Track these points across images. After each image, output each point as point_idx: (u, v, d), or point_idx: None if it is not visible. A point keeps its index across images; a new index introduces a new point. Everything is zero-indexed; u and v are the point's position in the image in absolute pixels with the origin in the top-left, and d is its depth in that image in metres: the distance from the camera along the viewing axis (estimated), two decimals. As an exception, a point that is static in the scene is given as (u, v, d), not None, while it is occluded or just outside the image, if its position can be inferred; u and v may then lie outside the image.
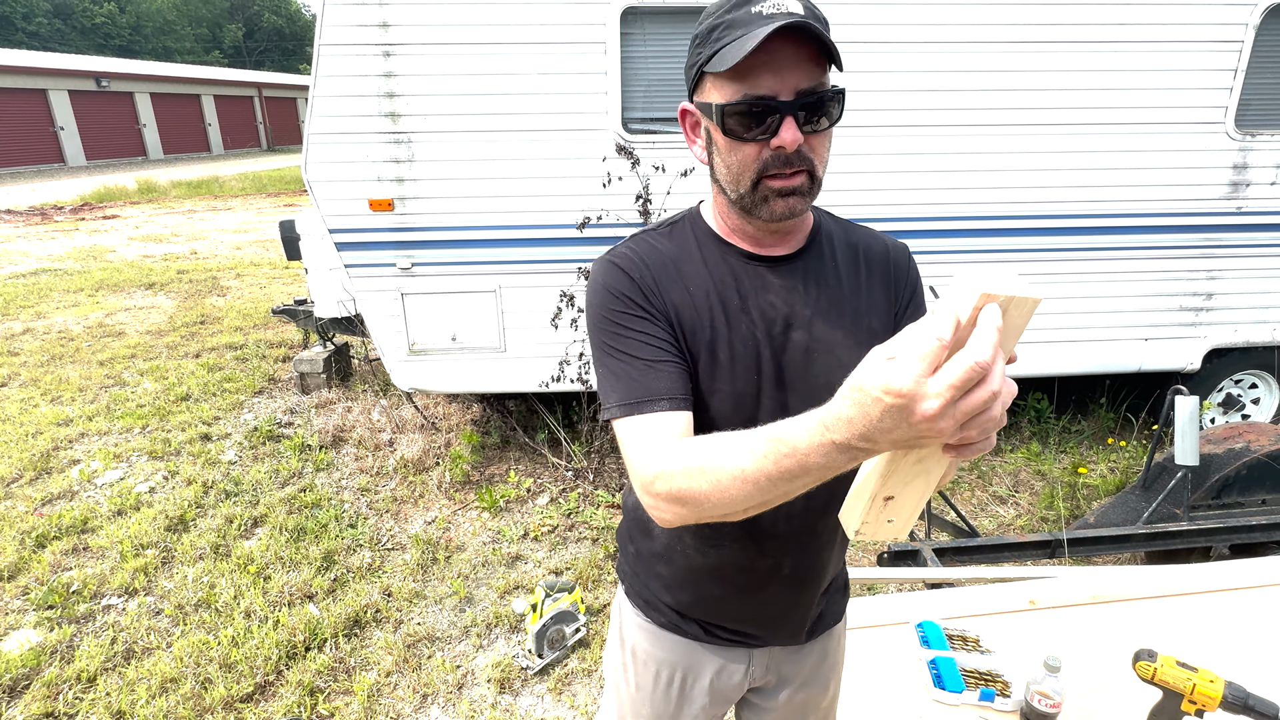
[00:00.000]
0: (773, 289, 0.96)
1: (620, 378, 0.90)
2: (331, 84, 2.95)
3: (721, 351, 0.93)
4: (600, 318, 0.94)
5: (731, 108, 0.83)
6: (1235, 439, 2.69)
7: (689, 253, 0.97)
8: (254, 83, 32.41)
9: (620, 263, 0.95)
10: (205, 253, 9.54)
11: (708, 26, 0.85)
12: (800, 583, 1.07)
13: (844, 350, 0.96)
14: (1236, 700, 1.20)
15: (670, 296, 0.94)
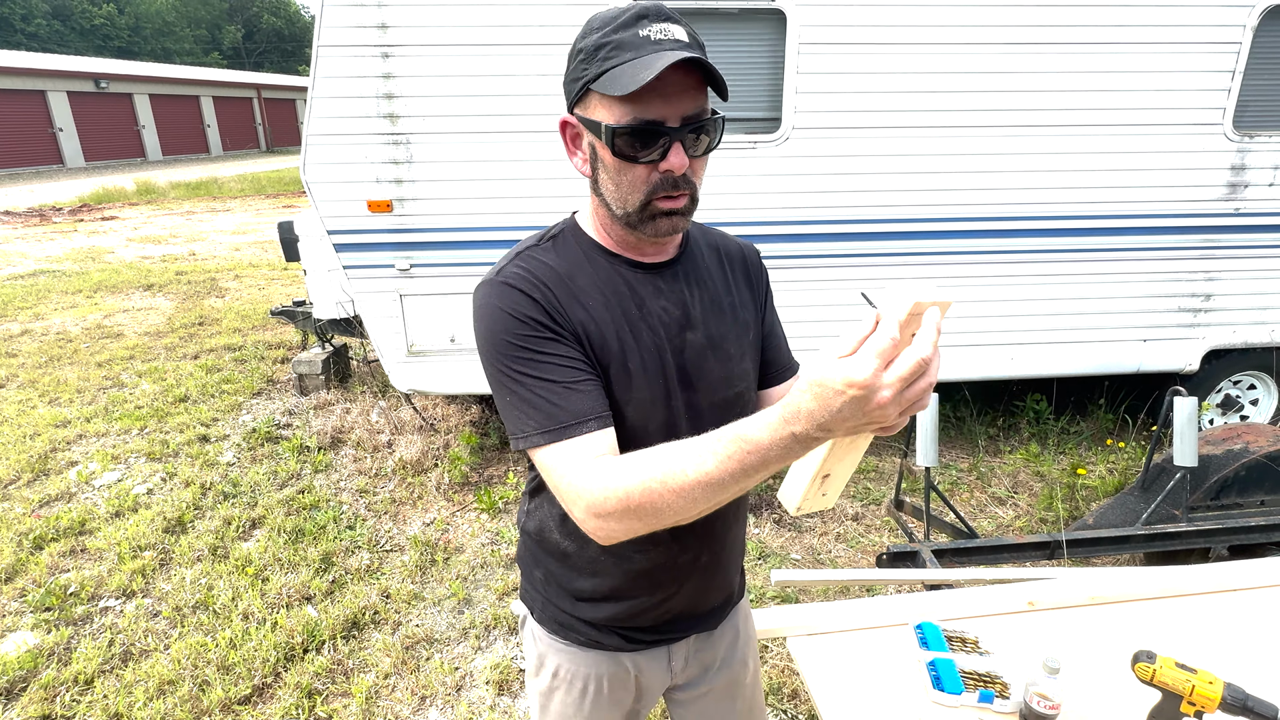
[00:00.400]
0: (663, 294, 1.00)
1: (537, 405, 0.88)
2: (330, 85, 2.95)
3: (632, 361, 0.96)
4: (503, 344, 0.90)
5: (622, 130, 0.84)
6: (1234, 440, 2.69)
7: (579, 266, 0.97)
8: (253, 84, 32.43)
9: (516, 283, 0.92)
10: (204, 254, 9.54)
11: (594, 43, 0.85)
12: (716, 569, 1.14)
13: (731, 344, 1.04)
14: (1235, 702, 1.20)
15: (574, 313, 0.94)
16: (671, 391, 0.99)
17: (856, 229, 3.31)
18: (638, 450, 0.83)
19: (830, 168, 3.20)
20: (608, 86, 0.82)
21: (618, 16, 0.85)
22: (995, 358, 3.58)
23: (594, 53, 0.84)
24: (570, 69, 0.89)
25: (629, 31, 0.83)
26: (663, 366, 0.98)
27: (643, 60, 0.81)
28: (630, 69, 0.81)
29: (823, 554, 3.11)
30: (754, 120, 3.18)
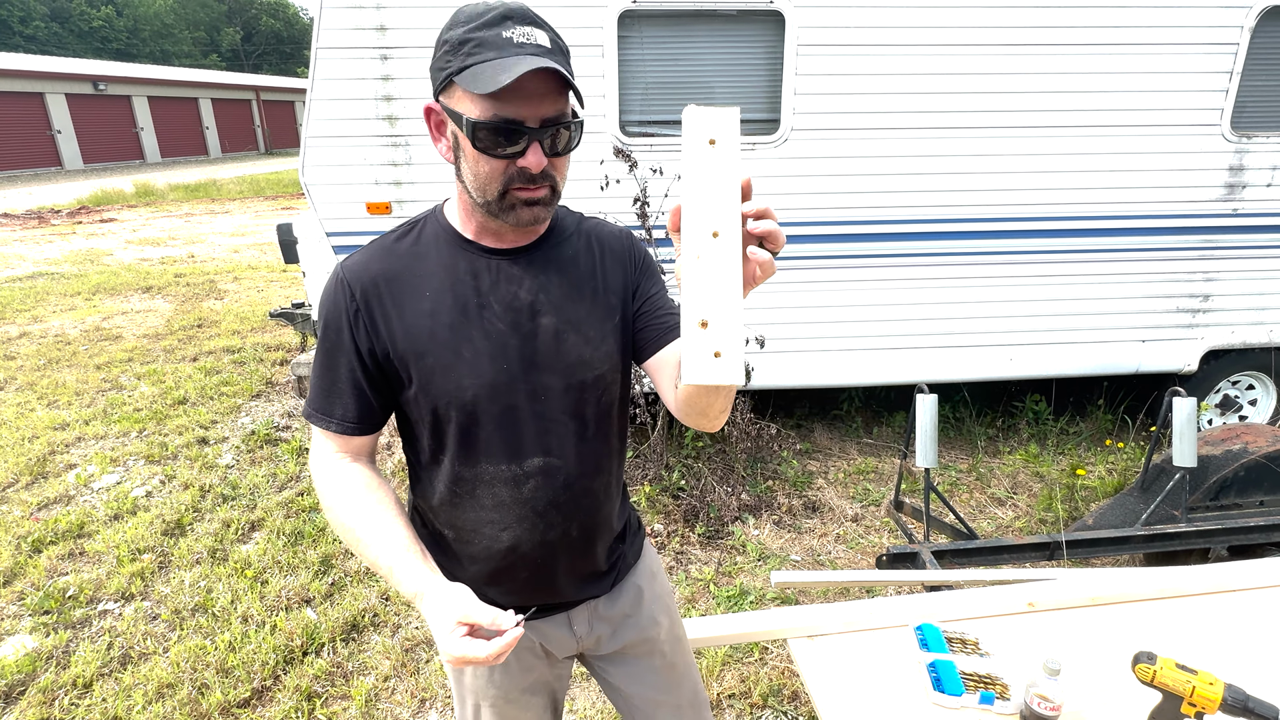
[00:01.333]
0: (515, 280, 1.03)
1: (313, 385, 1.05)
2: (329, 87, 2.95)
3: (466, 349, 1.00)
4: (320, 330, 1.05)
5: (482, 125, 0.88)
6: (1233, 440, 2.69)
7: (425, 255, 1.02)
8: (252, 86, 32.45)
9: (347, 279, 1.01)
10: (202, 256, 9.53)
11: (459, 37, 0.88)
12: (591, 540, 1.17)
13: (593, 327, 1.07)
14: (1236, 703, 1.20)
15: (387, 322, 1.00)
16: (515, 376, 1.02)
17: (855, 230, 3.31)
18: (362, 486, 1.02)
19: (829, 169, 3.21)
20: (469, 83, 0.86)
21: (484, 14, 0.88)
22: (994, 358, 3.58)
23: (458, 46, 0.88)
24: (436, 58, 0.92)
25: (493, 31, 0.86)
26: (505, 351, 1.02)
27: (503, 62, 0.85)
28: (491, 69, 0.85)
29: (822, 555, 3.11)
30: (753, 121, 3.18)
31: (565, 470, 1.08)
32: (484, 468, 1.06)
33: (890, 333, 3.50)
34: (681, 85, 3.15)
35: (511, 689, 1.21)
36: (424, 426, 1.06)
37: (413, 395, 1.03)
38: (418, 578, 0.94)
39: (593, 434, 1.11)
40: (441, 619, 0.89)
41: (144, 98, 25.46)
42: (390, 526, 0.99)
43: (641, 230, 3.20)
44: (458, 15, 0.90)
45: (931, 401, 2.42)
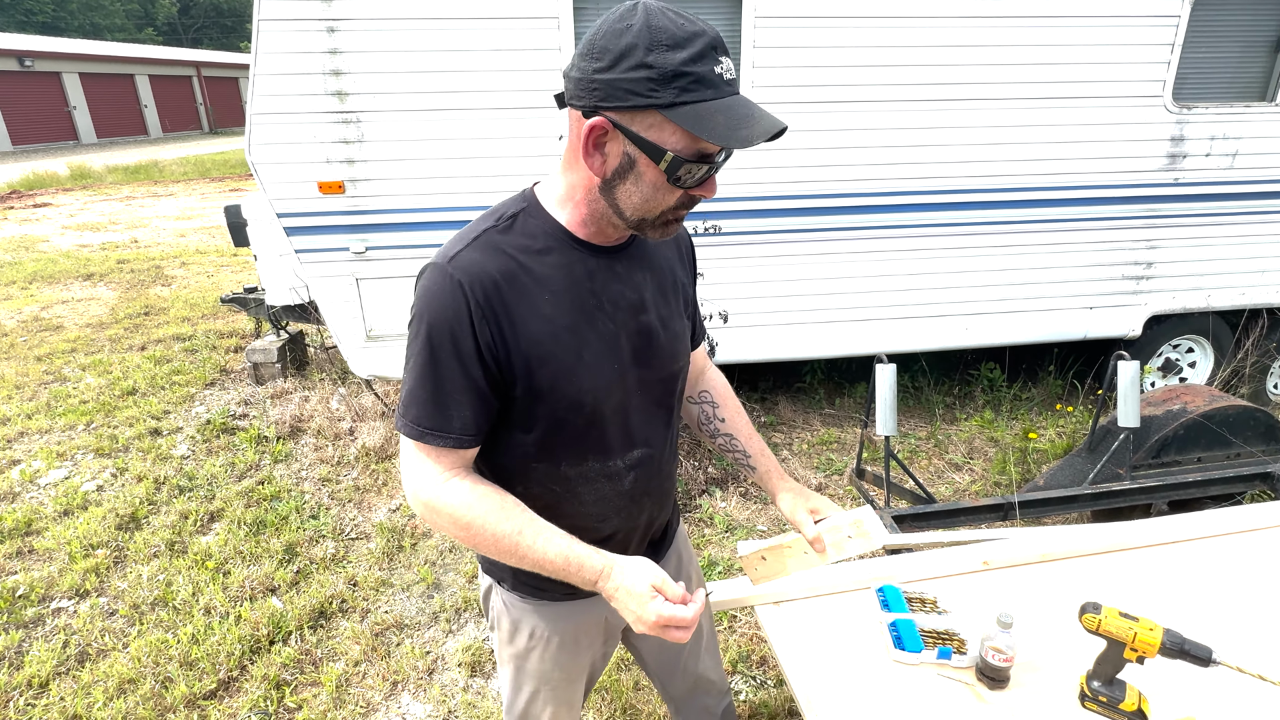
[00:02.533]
0: (619, 278, 1.03)
1: (419, 400, 0.96)
2: (273, 61, 2.84)
3: (587, 352, 0.99)
4: (425, 334, 0.94)
5: (687, 161, 0.85)
6: (1173, 401, 2.82)
7: (539, 254, 0.97)
8: (192, 61, 31.00)
9: (462, 280, 0.92)
10: (147, 241, 9.16)
11: (672, 68, 0.80)
12: (660, 516, 1.25)
13: (676, 321, 1.11)
14: (1174, 646, 1.27)
15: (515, 320, 0.94)
16: (625, 372, 1.04)
17: (814, 204, 3.34)
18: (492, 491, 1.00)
19: (786, 143, 3.21)
20: (693, 124, 0.81)
21: (689, 41, 0.81)
22: (950, 328, 3.67)
23: (670, 78, 0.80)
24: (619, 74, 0.82)
25: (705, 66, 0.81)
26: (618, 351, 1.02)
27: (726, 106, 0.82)
28: (725, 117, 0.81)
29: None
30: (712, 95, 3.16)
31: (656, 457, 1.14)
32: (589, 465, 1.07)
33: (850, 305, 3.56)
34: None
35: (574, 669, 1.26)
36: (534, 430, 1.02)
37: (520, 397, 0.99)
38: (597, 556, 0.98)
39: (673, 420, 1.18)
40: (639, 586, 0.95)
41: (75, 74, 24.12)
42: (542, 523, 0.99)
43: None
44: (656, 34, 0.80)
45: (890, 371, 2.48)
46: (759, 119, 0.82)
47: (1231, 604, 1.65)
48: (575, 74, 0.86)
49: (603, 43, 0.83)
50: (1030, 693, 1.42)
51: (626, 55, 0.81)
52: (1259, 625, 1.58)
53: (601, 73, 0.83)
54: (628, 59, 0.81)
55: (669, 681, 1.45)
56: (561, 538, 0.98)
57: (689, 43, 0.80)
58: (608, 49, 0.82)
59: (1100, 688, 1.36)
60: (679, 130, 0.83)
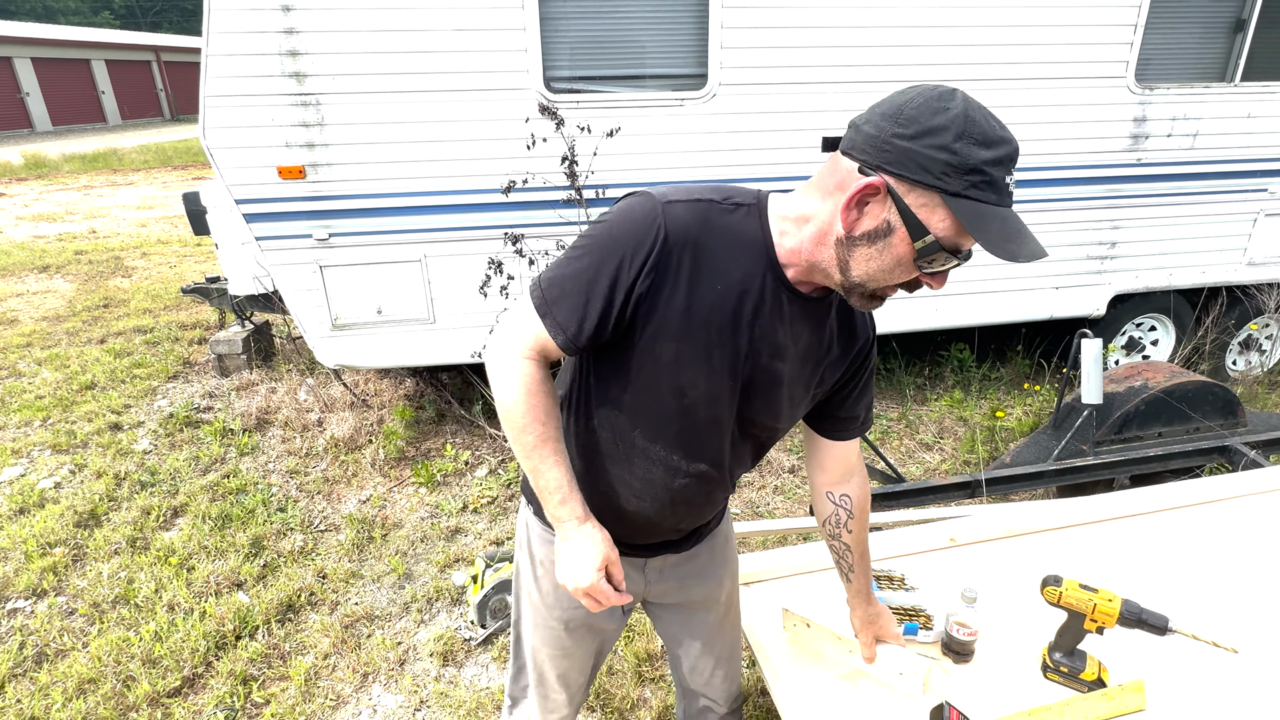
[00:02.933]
0: (781, 316, 1.00)
1: (564, 285, 0.96)
2: (226, 42, 2.74)
3: (716, 355, 0.99)
4: (602, 236, 0.95)
5: (945, 251, 0.85)
6: (1135, 377, 2.87)
7: (737, 250, 0.97)
8: (151, 46, 30.01)
9: (664, 224, 0.93)
10: (106, 231, 8.88)
11: (973, 162, 0.80)
12: (691, 523, 1.24)
13: (800, 391, 1.10)
14: (1131, 615, 1.29)
15: (679, 287, 0.95)
16: (734, 398, 1.04)
17: (785, 186, 3.32)
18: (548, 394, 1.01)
19: (757, 124, 3.20)
20: (973, 223, 0.82)
21: (997, 144, 0.81)
22: (921, 310, 3.70)
23: (966, 170, 0.81)
24: (918, 147, 0.82)
25: (1000, 172, 0.82)
26: (737, 372, 1.01)
27: (1007, 221, 0.82)
28: (1000, 225, 0.82)
29: (760, 506, 3.19)
30: (680, 77, 3.13)
31: (715, 481, 1.14)
32: (658, 448, 1.07)
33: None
34: (608, 39, 3.06)
35: (570, 615, 1.28)
36: (631, 386, 1.03)
37: (640, 355, 1.00)
38: (581, 507, 1.03)
39: (751, 462, 1.19)
40: (593, 551, 1.02)
41: (27, 59, 23.22)
42: (564, 448, 1.03)
43: (571, 190, 3.14)
44: (970, 126, 0.81)
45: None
46: (1028, 240, 0.82)
47: (1189, 574, 1.69)
48: (870, 129, 0.85)
49: (914, 113, 0.82)
50: (994, 665, 1.44)
51: (934, 133, 0.81)
52: (1214, 594, 1.62)
53: (902, 139, 0.82)
54: (933, 137, 0.81)
55: (679, 668, 1.46)
56: (568, 470, 1.03)
57: (996, 145, 0.81)
58: (917, 120, 0.82)
59: (1061, 658, 1.38)
60: (950, 220, 0.83)
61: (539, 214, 3.19)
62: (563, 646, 1.30)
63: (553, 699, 1.36)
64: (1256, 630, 1.48)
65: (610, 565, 1.04)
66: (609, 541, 1.05)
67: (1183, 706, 1.30)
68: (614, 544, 1.10)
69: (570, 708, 1.38)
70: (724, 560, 1.37)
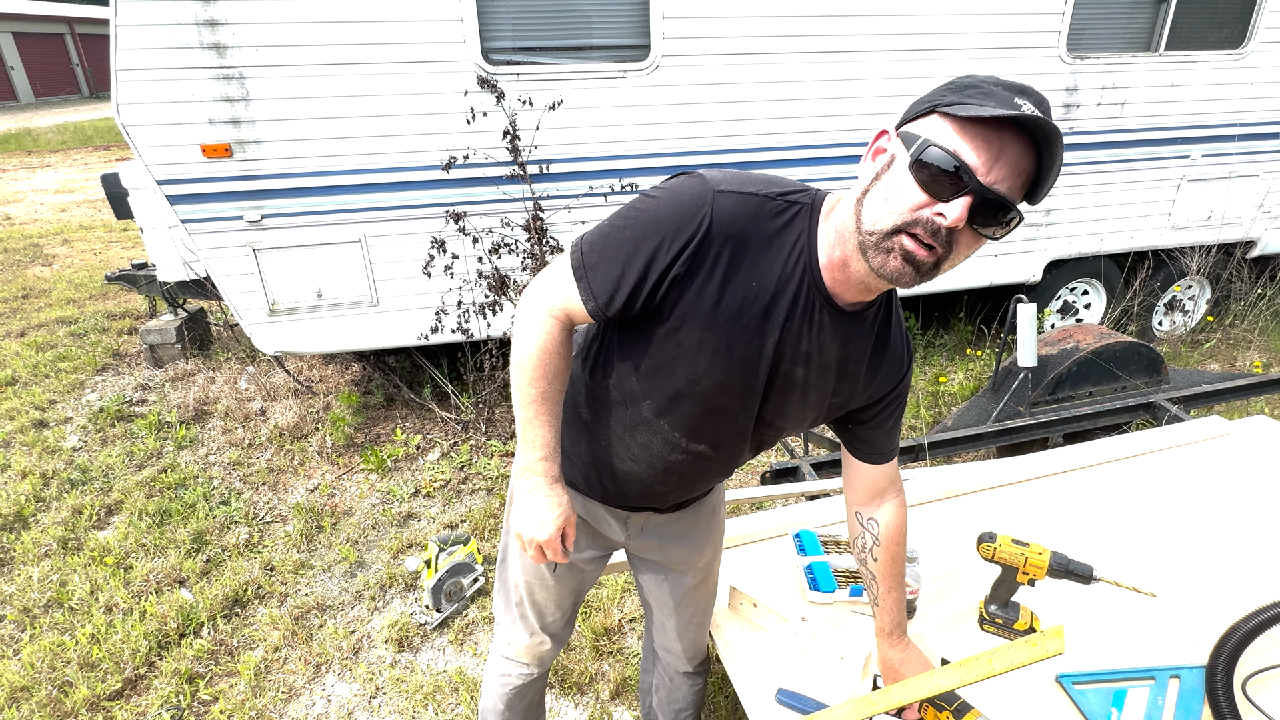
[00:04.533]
0: (811, 324, 0.99)
1: (606, 250, 0.96)
2: (136, 10, 2.57)
3: (739, 349, 0.98)
4: (650, 210, 0.94)
5: (937, 149, 0.80)
6: (1067, 340, 2.98)
7: (779, 249, 0.95)
8: (63, 17, 28.07)
9: (711, 211, 0.91)
10: (22, 217, 8.35)
11: (970, 82, 0.83)
12: (673, 496, 1.25)
13: (816, 400, 1.08)
14: (1060, 567, 1.35)
15: (714, 277, 0.94)
16: (746, 392, 1.03)
17: (731, 159, 3.32)
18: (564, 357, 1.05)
19: (702, 96, 3.17)
20: (956, 108, 0.80)
21: (1005, 84, 0.82)
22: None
23: (964, 88, 0.83)
24: (929, 93, 0.86)
25: (1008, 94, 0.80)
26: (758, 369, 1.01)
27: (1001, 103, 0.79)
28: (984, 103, 0.79)
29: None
30: (623, 48, 3.08)
31: (711, 463, 1.15)
32: (662, 424, 1.09)
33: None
34: (548, 9, 2.98)
35: None
36: (648, 360, 1.04)
37: (664, 335, 1.00)
38: (555, 468, 1.09)
39: (751, 454, 1.20)
40: (556, 511, 1.09)
41: (-77, 32, 21.51)
42: (559, 412, 1.08)
43: (514, 166, 3.07)
44: (974, 76, 0.84)
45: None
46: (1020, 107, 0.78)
47: (1115, 525, 1.77)
48: None
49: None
50: (935, 620, 1.49)
51: (946, 85, 0.85)
52: (1137, 543, 1.71)
53: (918, 102, 0.87)
54: (944, 86, 0.85)
55: (649, 618, 1.55)
56: (556, 432, 1.08)
57: (1003, 83, 0.82)
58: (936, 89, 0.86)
59: (997, 610, 1.44)
60: (944, 118, 0.82)
61: (482, 190, 3.12)
62: (542, 577, 1.34)
63: (533, 622, 1.41)
64: (1174, 575, 1.57)
65: (567, 527, 1.11)
66: (571, 506, 1.12)
67: (1107, 648, 1.37)
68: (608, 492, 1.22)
69: (547, 634, 1.42)
70: (707, 530, 1.39)
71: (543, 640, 1.42)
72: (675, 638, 1.49)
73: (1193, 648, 1.37)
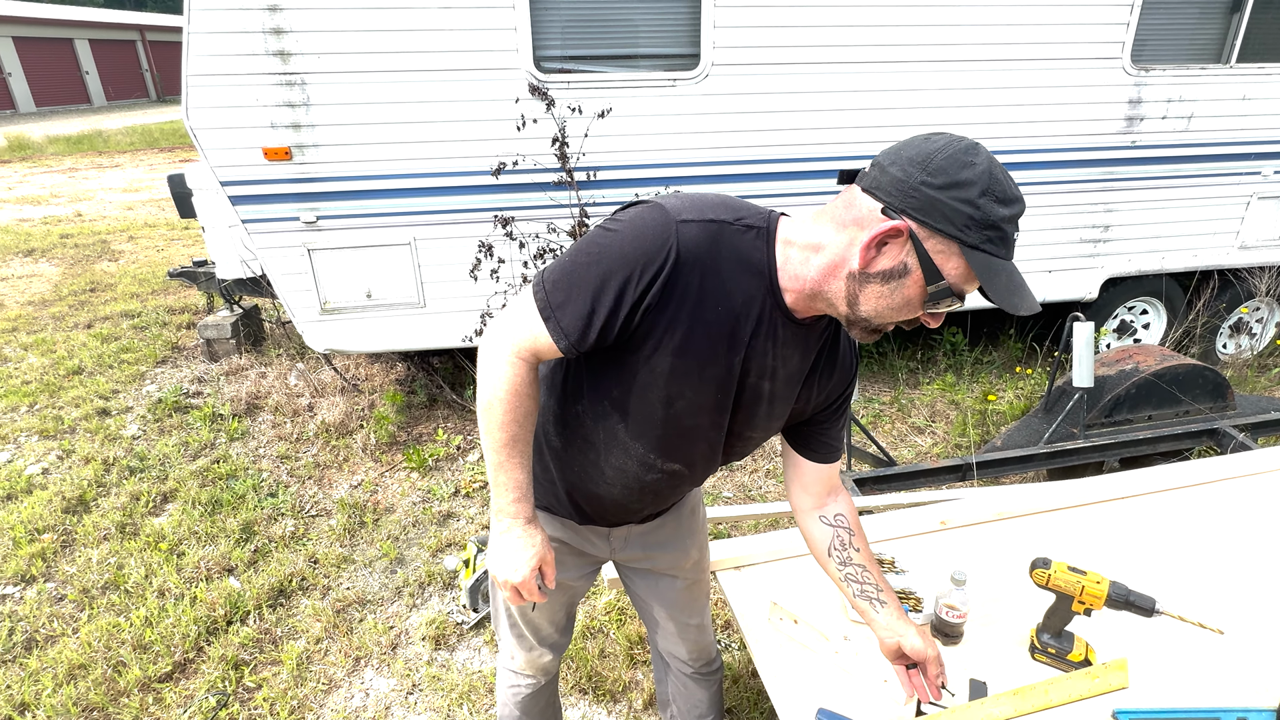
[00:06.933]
0: (773, 339, 1.03)
1: (572, 289, 0.96)
2: (208, 19, 2.68)
3: (709, 370, 1.01)
4: (614, 245, 0.94)
5: (955, 298, 0.89)
6: (1125, 361, 2.87)
7: (740, 272, 0.98)
8: (136, 25, 29.47)
9: (677, 243, 0.93)
10: (92, 215, 8.77)
11: (987, 216, 0.84)
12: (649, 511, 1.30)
13: (782, 409, 1.13)
14: (1119, 597, 1.30)
15: (684, 306, 0.96)
16: (717, 410, 1.07)
17: (778, 169, 3.30)
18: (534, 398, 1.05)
19: (751, 105, 3.16)
20: (985, 275, 0.85)
21: (1013, 204, 0.86)
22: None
23: (983, 223, 0.85)
24: (945, 198, 0.84)
25: (1011, 229, 0.86)
26: (727, 388, 1.04)
27: (1013, 275, 0.87)
28: (1006, 279, 0.86)
29: (753, 490, 3.20)
30: (672, 57, 3.09)
31: (685, 480, 1.19)
32: (637, 445, 1.11)
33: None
34: (599, 18, 3.01)
35: None
36: (619, 387, 1.06)
37: (637, 363, 1.01)
38: (530, 511, 1.10)
39: (722, 463, 1.22)
40: (530, 552, 1.09)
41: (8, 39, 22.77)
42: (521, 460, 1.07)
43: (562, 172, 3.10)
44: (994, 185, 0.84)
45: (852, 336, 2.47)
46: (1028, 294, 0.88)
47: (1177, 556, 1.70)
48: (897, 173, 0.87)
49: (942, 163, 0.85)
50: (983, 647, 1.45)
51: (962, 187, 0.84)
52: (1202, 576, 1.63)
53: (930, 188, 0.85)
54: (961, 190, 0.84)
55: (650, 627, 1.56)
56: (529, 473, 1.09)
57: (1012, 204, 0.86)
58: (945, 171, 0.85)
59: (1050, 640, 1.39)
60: (964, 268, 0.87)
61: (530, 196, 3.16)
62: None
63: (530, 640, 1.45)
64: (1242, 612, 1.49)
65: (544, 565, 1.11)
66: (547, 544, 1.12)
67: (1168, 686, 1.31)
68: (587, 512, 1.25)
69: (545, 646, 1.46)
70: (690, 531, 1.43)
71: (542, 653, 1.47)
72: (678, 641, 1.53)
73: (1262, 689, 1.30)
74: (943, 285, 0.88)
